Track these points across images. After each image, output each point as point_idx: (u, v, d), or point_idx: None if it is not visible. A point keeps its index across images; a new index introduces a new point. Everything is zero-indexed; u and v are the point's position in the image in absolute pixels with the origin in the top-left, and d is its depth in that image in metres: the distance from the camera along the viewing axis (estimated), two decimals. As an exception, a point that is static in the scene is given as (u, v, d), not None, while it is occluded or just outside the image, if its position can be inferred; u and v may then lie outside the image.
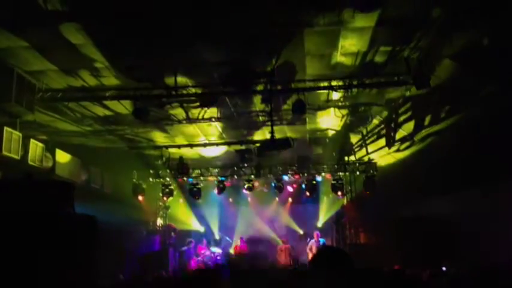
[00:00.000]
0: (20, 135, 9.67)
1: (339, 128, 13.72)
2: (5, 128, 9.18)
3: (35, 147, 10.75)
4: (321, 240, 16.47)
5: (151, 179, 16.84)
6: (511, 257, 8.61)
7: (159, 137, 14.14)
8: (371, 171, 15.76)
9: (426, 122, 11.08)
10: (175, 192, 17.43)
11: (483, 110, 9.27)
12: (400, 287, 2.94)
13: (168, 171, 16.32)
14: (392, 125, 12.55)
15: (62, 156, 12.60)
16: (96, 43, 8.13)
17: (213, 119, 12.32)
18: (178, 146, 14.83)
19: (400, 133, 12.37)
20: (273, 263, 16.77)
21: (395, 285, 3.00)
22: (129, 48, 8.44)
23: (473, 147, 9.67)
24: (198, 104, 10.95)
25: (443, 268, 9.61)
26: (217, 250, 17.68)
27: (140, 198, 16.25)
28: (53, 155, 11.97)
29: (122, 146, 14.48)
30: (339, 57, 9.13)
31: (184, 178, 16.88)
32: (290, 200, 19.53)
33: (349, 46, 8.67)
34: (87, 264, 3.35)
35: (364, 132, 14.17)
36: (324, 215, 19.17)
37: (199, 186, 17.06)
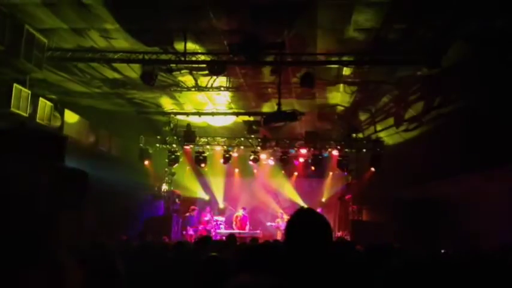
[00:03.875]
0: (29, 92, 9.69)
1: (348, 105, 13.63)
2: (15, 84, 9.20)
3: (44, 105, 10.79)
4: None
5: (158, 145, 16.91)
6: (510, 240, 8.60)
7: (168, 103, 14.15)
8: (378, 149, 15.72)
9: (436, 103, 10.95)
10: (181, 159, 17.52)
11: (494, 94, 9.12)
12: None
13: (175, 138, 16.36)
14: (402, 105, 12.43)
15: (71, 117, 12.66)
16: (106, 4, 8.07)
17: (222, 88, 12.28)
18: (187, 114, 14.83)
19: (409, 113, 12.26)
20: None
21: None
22: (139, 11, 8.37)
23: (480, 131, 9.56)
24: (207, 72, 10.89)
25: (442, 250, 9.62)
26: (220, 219, 17.84)
27: (146, 163, 16.41)
28: (62, 114, 12.02)
29: (130, 110, 14.51)
30: (351, 33, 8.98)
31: (191, 146, 16.95)
32: (296, 173, 19.53)
33: (363, 21, 8.51)
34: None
35: (373, 110, 14.07)
36: (328, 191, 19.24)
37: (205, 155, 17.15)
